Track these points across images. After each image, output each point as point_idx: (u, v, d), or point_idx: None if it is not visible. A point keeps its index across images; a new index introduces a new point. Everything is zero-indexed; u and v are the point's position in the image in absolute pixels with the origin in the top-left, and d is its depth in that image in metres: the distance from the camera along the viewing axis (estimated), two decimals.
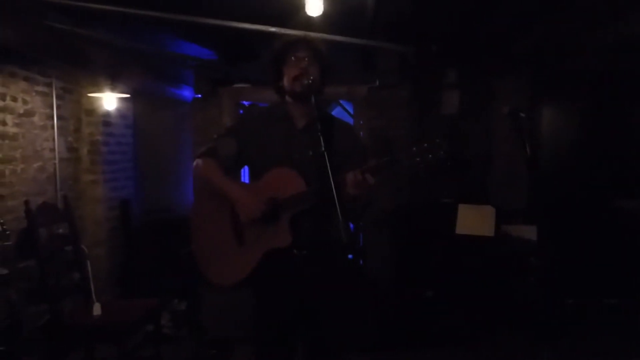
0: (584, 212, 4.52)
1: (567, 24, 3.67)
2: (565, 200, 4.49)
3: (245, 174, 3.51)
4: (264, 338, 2.07)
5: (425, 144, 1.81)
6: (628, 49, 3.89)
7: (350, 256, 3.98)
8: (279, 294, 2.02)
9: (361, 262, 4.31)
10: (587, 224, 4.51)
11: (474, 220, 4.01)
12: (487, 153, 4.65)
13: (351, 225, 2.17)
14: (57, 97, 3.95)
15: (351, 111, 5.21)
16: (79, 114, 4.29)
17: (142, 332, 3.54)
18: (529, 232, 3.89)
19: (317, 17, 3.34)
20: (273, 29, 3.65)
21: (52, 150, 3.92)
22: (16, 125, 3.50)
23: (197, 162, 2.09)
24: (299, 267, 1.97)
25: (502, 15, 3.68)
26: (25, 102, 3.60)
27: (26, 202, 2.99)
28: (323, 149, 1.77)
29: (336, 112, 5.53)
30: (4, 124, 3.38)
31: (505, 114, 2.48)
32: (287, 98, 2.04)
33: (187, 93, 5.08)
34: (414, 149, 1.82)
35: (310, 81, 1.92)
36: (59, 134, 3.97)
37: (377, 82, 4.43)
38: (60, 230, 3.64)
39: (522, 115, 2.44)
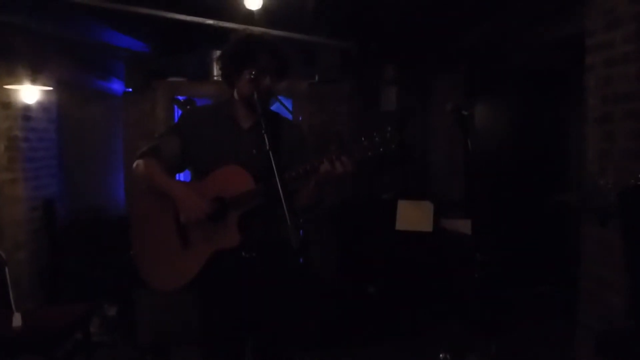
0: (517, 205, 4.74)
1: (502, 24, 3.81)
2: (499, 194, 4.68)
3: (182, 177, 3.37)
4: (210, 341, 1.98)
5: (376, 137, 1.68)
6: (559, 48, 4.09)
7: (301, 260, 3.92)
8: (226, 296, 1.93)
9: (301, 260, 4.27)
10: (520, 216, 4.73)
11: (413, 216, 4.08)
12: (424, 148, 4.75)
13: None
14: None
15: (289, 107, 5.15)
16: None
17: (72, 340, 3.33)
18: (464, 226, 4.00)
19: (256, 10, 3.26)
20: (210, 22, 3.53)
21: None
22: None
23: (138, 162, 1.95)
24: (247, 270, 1.90)
25: (440, 14, 3.76)
26: None
27: None
28: (268, 147, 1.70)
29: (274, 108, 5.45)
30: None
31: (448, 111, 2.53)
32: (235, 95, 1.95)
33: (117, 86, 4.82)
34: (364, 140, 1.69)
35: (268, 88, 1.85)
36: None
37: (317, 78, 4.40)
38: None
39: (465, 112, 2.49)
